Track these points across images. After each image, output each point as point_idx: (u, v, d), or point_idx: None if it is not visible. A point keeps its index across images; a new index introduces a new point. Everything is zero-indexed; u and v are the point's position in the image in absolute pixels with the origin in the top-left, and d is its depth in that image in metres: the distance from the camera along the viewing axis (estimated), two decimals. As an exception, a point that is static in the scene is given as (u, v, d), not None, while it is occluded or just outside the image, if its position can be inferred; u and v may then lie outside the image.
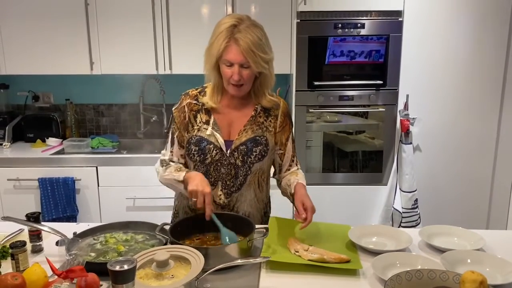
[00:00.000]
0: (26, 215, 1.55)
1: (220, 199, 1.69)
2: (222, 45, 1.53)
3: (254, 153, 1.65)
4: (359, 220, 2.88)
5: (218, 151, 1.65)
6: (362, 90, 2.88)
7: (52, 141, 3.25)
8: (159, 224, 1.55)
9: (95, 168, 2.96)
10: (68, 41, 3.04)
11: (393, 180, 2.92)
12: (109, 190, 2.98)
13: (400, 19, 2.80)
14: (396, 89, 2.87)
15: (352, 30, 2.80)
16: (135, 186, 2.95)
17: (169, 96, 3.38)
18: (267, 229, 1.54)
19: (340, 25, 2.79)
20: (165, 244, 1.44)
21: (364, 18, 2.80)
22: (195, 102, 1.72)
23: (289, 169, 1.78)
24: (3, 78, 3.34)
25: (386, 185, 2.96)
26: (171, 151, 1.75)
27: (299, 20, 2.81)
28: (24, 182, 2.95)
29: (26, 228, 1.59)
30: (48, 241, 1.59)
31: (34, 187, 2.94)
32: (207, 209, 1.51)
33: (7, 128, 3.26)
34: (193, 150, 1.66)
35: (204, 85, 1.74)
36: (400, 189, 2.89)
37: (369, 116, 2.99)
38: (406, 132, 2.84)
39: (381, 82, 2.86)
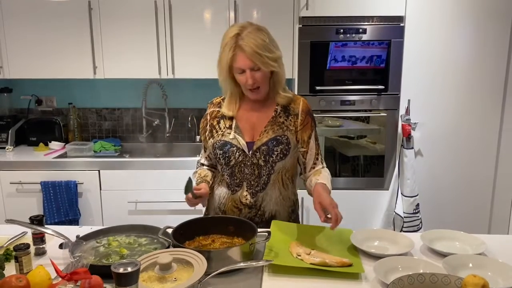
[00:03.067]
0: (30, 218, 1.56)
1: (246, 199, 1.73)
2: (229, 55, 1.60)
3: (276, 152, 1.69)
4: (360, 224, 2.86)
5: (241, 152, 1.70)
6: (363, 95, 2.89)
7: (54, 144, 3.26)
8: (162, 227, 1.55)
9: (97, 171, 2.97)
10: (71, 45, 3.05)
11: (394, 184, 2.93)
12: (111, 193, 2.98)
13: (401, 24, 2.81)
14: (397, 94, 2.88)
15: (354, 35, 2.81)
16: (137, 190, 2.96)
17: (172, 100, 3.40)
18: (269, 232, 1.54)
19: (342, 30, 2.81)
20: (168, 247, 1.44)
21: (366, 23, 2.82)
22: (218, 109, 1.79)
23: (314, 167, 1.78)
24: (7, 82, 3.36)
25: (388, 189, 2.97)
26: (202, 154, 1.89)
27: (301, 25, 2.83)
28: (26, 185, 2.96)
29: (29, 231, 1.59)
30: (51, 244, 1.60)
31: (37, 190, 2.95)
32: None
33: (10, 131, 3.28)
34: (219, 154, 1.73)
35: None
36: (401, 193, 2.90)
37: (370, 121, 3.00)
38: (408, 137, 2.85)
39: (383, 87, 2.87)
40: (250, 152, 1.70)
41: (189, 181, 1.65)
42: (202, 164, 1.88)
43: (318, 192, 1.60)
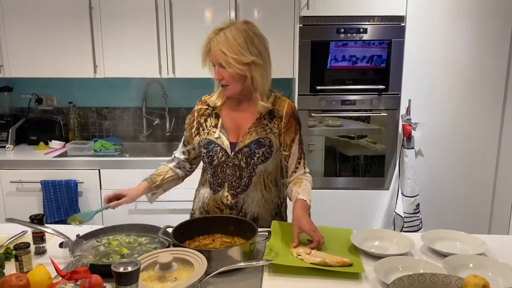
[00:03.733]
0: (30, 217, 1.56)
1: (227, 199, 1.72)
2: (206, 48, 1.64)
3: (257, 155, 1.67)
4: (360, 224, 2.87)
5: (223, 153, 1.69)
6: (364, 94, 2.89)
7: (55, 143, 3.26)
8: (162, 226, 1.55)
9: (97, 171, 2.97)
10: (72, 45, 3.05)
11: (395, 184, 2.93)
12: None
13: (402, 24, 2.81)
14: (398, 94, 2.88)
15: (354, 35, 2.81)
16: (137, 189, 2.95)
17: (172, 99, 3.40)
18: (269, 232, 1.54)
19: (342, 30, 2.81)
20: (168, 246, 1.44)
21: (367, 23, 2.81)
22: (206, 107, 1.79)
23: (295, 171, 1.76)
24: (7, 81, 3.36)
25: (388, 189, 2.96)
26: (179, 148, 1.89)
27: (301, 25, 2.82)
28: (26, 184, 2.96)
29: (29, 230, 1.59)
30: (51, 243, 1.60)
31: (37, 189, 2.95)
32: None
33: (10, 130, 3.27)
34: (203, 152, 1.73)
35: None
36: (402, 193, 2.89)
37: (371, 121, 2.99)
38: (408, 137, 2.85)
39: (383, 86, 2.87)
40: (232, 153, 1.69)
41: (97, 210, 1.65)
42: (175, 157, 1.89)
43: (297, 215, 1.57)
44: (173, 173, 1.86)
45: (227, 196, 1.72)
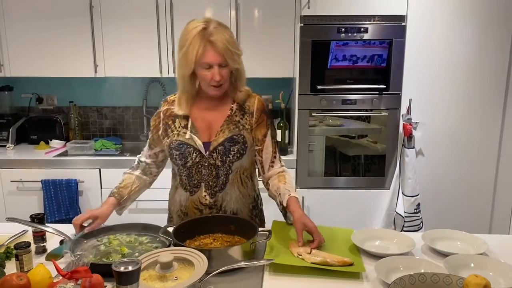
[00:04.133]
0: (31, 216, 1.56)
1: (205, 199, 1.71)
2: (199, 49, 1.55)
3: (233, 152, 1.67)
4: (361, 224, 2.88)
5: (197, 153, 1.68)
6: (365, 94, 2.88)
7: (55, 143, 3.26)
8: (163, 226, 1.55)
9: (98, 170, 2.97)
10: (72, 44, 3.05)
11: (395, 184, 2.92)
12: (112, 192, 2.98)
13: (403, 23, 2.81)
14: (399, 94, 2.88)
15: (355, 34, 2.81)
16: (137, 189, 2.95)
17: (172, 99, 3.39)
18: (270, 231, 1.54)
19: (343, 29, 2.80)
20: (169, 246, 1.44)
21: (368, 22, 2.81)
22: (173, 108, 1.74)
23: (272, 166, 1.75)
24: (8, 80, 3.36)
25: (389, 189, 2.96)
26: (145, 151, 1.85)
27: (302, 24, 2.82)
28: (27, 183, 2.96)
29: (30, 229, 1.59)
30: (52, 242, 1.60)
31: (37, 188, 2.95)
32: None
33: (11, 130, 3.27)
34: (175, 154, 1.70)
35: None
36: (402, 193, 2.89)
37: (371, 120, 2.99)
38: (409, 137, 2.85)
39: (384, 86, 2.87)
40: (207, 153, 1.67)
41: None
42: (141, 162, 1.84)
43: (299, 213, 1.57)
44: (139, 182, 1.84)
45: (205, 196, 1.70)
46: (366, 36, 2.81)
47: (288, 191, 1.66)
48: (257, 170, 1.81)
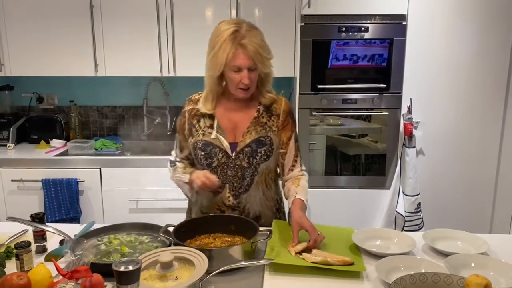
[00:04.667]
0: (31, 216, 1.56)
1: (229, 200, 1.70)
2: (230, 52, 1.54)
3: (260, 154, 1.67)
4: (362, 223, 2.88)
5: (224, 154, 1.67)
6: (365, 93, 2.88)
7: (56, 142, 3.27)
8: (163, 225, 1.55)
9: (98, 169, 2.97)
10: (73, 43, 3.05)
11: (396, 183, 2.92)
12: (112, 191, 2.98)
13: (404, 23, 2.80)
14: (399, 93, 2.88)
15: (356, 33, 2.80)
16: (138, 188, 2.95)
17: (173, 98, 3.39)
18: (270, 231, 1.54)
19: (344, 28, 2.80)
20: (169, 245, 1.44)
21: (368, 22, 2.81)
22: (197, 107, 1.74)
23: (292, 169, 1.75)
24: (8, 79, 3.35)
25: (389, 188, 2.96)
26: (176, 153, 1.81)
27: (303, 24, 2.82)
28: (28, 183, 2.96)
29: (30, 229, 1.59)
30: (52, 241, 1.60)
31: (38, 188, 2.95)
32: (213, 184, 1.57)
33: (11, 129, 3.28)
34: (200, 154, 1.69)
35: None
36: (403, 192, 2.89)
37: (372, 120, 2.99)
38: (410, 136, 2.84)
39: (385, 85, 2.86)
40: (234, 154, 1.67)
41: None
42: (177, 163, 1.79)
43: (297, 214, 1.57)
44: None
45: (229, 197, 1.70)
46: (366, 35, 2.81)
47: (295, 193, 1.65)
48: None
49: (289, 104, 1.76)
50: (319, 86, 2.86)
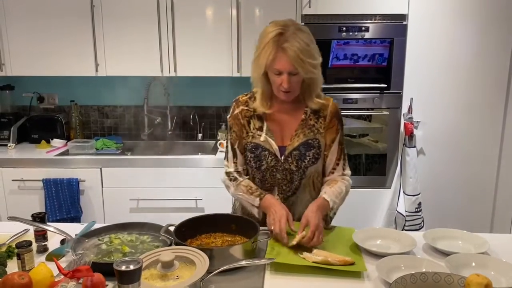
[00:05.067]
0: (32, 215, 1.56)
1: None
2: (271, 55, 1.53)
3: (308, 157, 1.66)
4: (362, 223, 2.88)
5: (273, 157, 1.67)
6: (366, 93, 2.88)
7: (56, 142, 3.26)
8: (164, 225, 1.55)
9: (99, 169, 2.97)
10: (73, 43, 3.05)
11: (396, 183, 2.92)
12: (113, 191, 2.98)
13: (404, 22, 2.81)
14: (400, 93, 2.88)
15: (356, 33, 2.81)
16: (139, 188, 2.96)
17: (174, 98, 3.39)
18: (271, 231, 1.54)
19: (344, 28, 2.80)
20: (170, 245, 1.44)
21: (369, 21, 2.81)
22: (247, 108, 1.72)
23: (332, 172, 1.73)
24: (9, 79, 3.36)
25: (390, 188, 2.96)
26: (235, 162, 1.75)
27: (303, 23, 2.82)
28: (28, 183, 2.96)
29: (31, 228, 1.60)
30: (53, 241, 1.60)
31: (39, 188, 2.95)
32: (283, 238, 1.51)
33: (12, 129, 3.27)
34: (249, 157, 1.69)
35: (253, 91, 1.73)
36: (403, 192, 2.89)
37: (372, 119, 2.99)
38: (410, 136, 2.85)
39: (385, 85, 2.86)
40: (282, 157, 1.66)
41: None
42: (238, 172, 1.73)
43: (311, 209, 1.56)
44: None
45: (277, 199, 1.67)
46: (367, 35, 2.81)
47: (323, 193, 1.64)
48: None
49: (337, 105, 1.72)
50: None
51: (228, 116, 1.77)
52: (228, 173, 1.76)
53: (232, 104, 1.77)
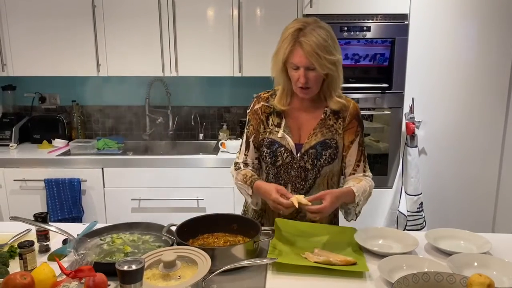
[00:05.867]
0: (34, 215, 1.56)
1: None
2: (288, 49, 1.54)
3: (324, 157, 1.65)
4: (364, 223, 2.87)
5: (288, 154, 1.66)
6: (367, 93, 2.88)
7: (58, 142, 3.27)
8: (166, 225, 1.55)
9: (100, 169, 2.97)
10: (75, 43, 3.05)
11: (398, 183, 2.92)
12: (114, 191, 2.99)
13: (406, 22, 2.80)
14: (401, 92, 2.87)
15: (357, 33, 2.80)
16: (140, 188, 2.96)
17: (175, 98, 3.39)
18: (273, 230, 1.55)
19: (345, 28, 2.80)
20: (172, 245, 1.44)
21: (370, 21, 2.81)
22: (267, 104, 1.72)
23: (353, 173, 1.71)
24: (10, 79, 3.36)
25: (391, 188, 2.96)
26: (246, 154, 1.76)
27: (305, 23, 2.81)
28: (30, 183, 2.96)
29: (33, 228, 1.60)
30: (55, 241, 1.60)
31: (40, 188, 2.95)
32: (288, 206, 1.51)
33: (14, 129, 3.28)
34: (265, 152, 1.69)
35: (276, 88, 1.73)
36: (405, 192, 2.89)
37: (374, 119, 2.99)
38: (412, 135, 2.84)
39: (387, 85, 2.86)
40: (298, 155, 1.66)
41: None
42: (245, 164, 1.74)
43: (335, 193, 1.53)
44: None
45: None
46: (368, 34, 2.81)
47: (353, 186, 1.61)
48: None
49: (357, 106, 1.70)
50: (321, 86, 2.86)
51: (248, 111, 1.77)
52: (236, 163, 1.77)
53: (253, 99, 1.77)
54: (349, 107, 1.69)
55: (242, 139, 1.79)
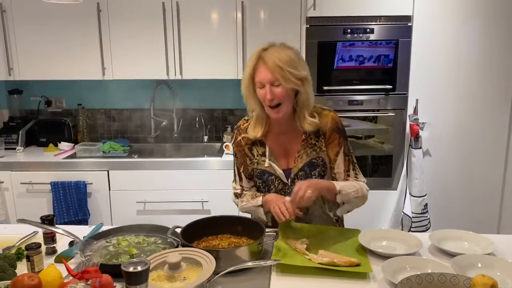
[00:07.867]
0: (41, 218, 1.58)
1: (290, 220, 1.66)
2: (251, 68, 1.57)
3: (314, 176, 1.67)
4: (368, 224, 2.86)
5: (279, 181, 1.69)
6: (371, 94, 2.88)
7: (64, 145, 3.29)
8: (171, 227, 1.57)
9: (106, 172, 2.99)
10: (81, 47, 3.08)
11: (402, 184, 2.92)
12: (120, 193, 3.01)
13: (409, 24, 2.81)
14: (405, 94, 2.88)
15: (361, 35, 2.81)
16: (145, 190, 2.97)
17: (180, 101, 3.41)
18: (277, 232, 1.55)
19: (349, 30, 2.81)
20: (177, 246, 1.45)
21: (373, 23, 2.81)
22: (247, 136, 1.73)
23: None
24: (17, 83, 3.39)
25: (396, 189, 2.96)
26: (241, 185, 1.81)
27: (308, 26, 2.83)
28: (36, 185, 2.99)
29: (40, 231, 1.62)
30: (62, 243, 1.62)
31: (47, 190, 2.98)
32: (290, 213, 1.53)
33: (20, 132, 3.31)
34: (258, 183, 1.73)
35: (250, 115, 1.74)
36: (409, 193, 2.89)
37: (378, 121, 2.99)
38: (416, 137, 2.84)
39: (391, 86, 2.86)
40: (289, 180, 1.68)
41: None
42: (244, 191, 1.79)
43: (314, 179, 1.60)
44: None
45: (291, 221, 1.65)
46: (372, 36, 2.81)
47: (335, 183, 1.63)
48: None
49: (335, 119, 1.68)
50: (325, 88, 2.86)
51: (232, 143, 1.79)
52: (235, 194, 1.82)
53: (234, 131, 1.80)
54: (327, 122, 1.67)
55: (234, 170, 1.81)
